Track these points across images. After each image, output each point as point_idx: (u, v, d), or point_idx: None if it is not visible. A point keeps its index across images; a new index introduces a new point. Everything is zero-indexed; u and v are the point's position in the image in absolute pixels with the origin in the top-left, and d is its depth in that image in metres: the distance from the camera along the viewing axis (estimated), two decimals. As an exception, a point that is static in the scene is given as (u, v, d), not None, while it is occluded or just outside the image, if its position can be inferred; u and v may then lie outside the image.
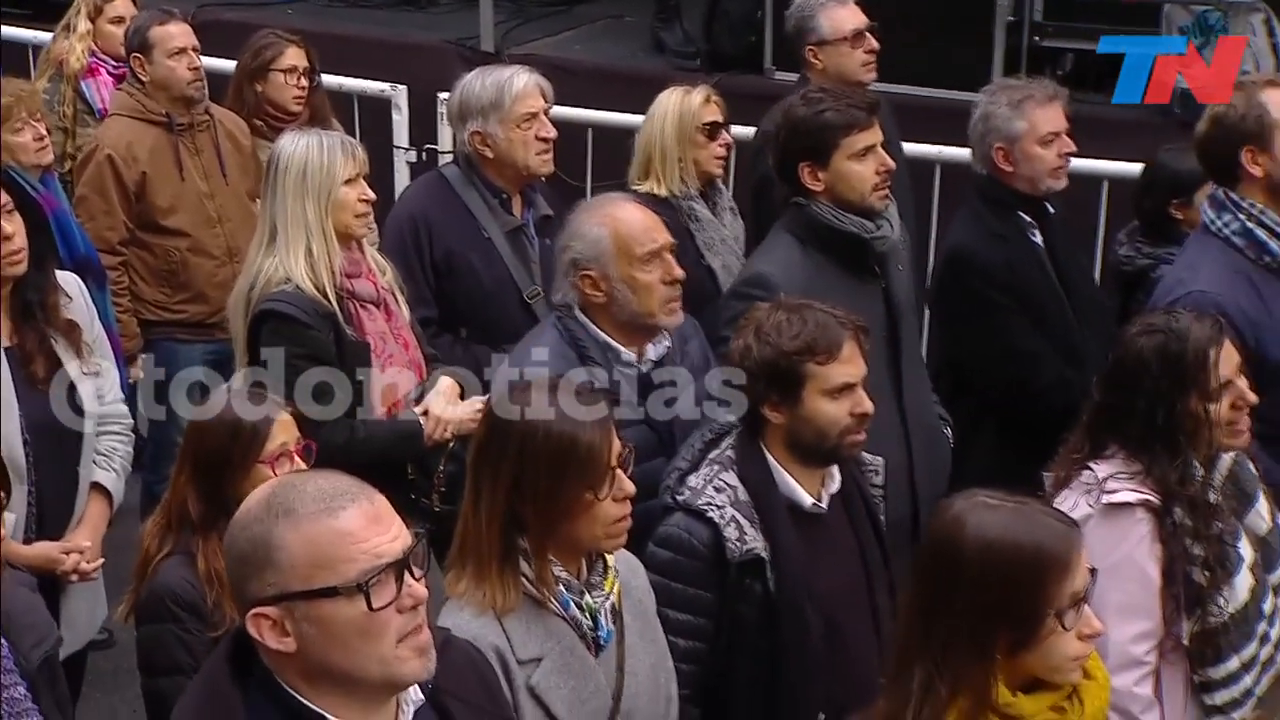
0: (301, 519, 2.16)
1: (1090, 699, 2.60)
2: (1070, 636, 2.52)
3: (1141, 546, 3.27)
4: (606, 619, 2.91)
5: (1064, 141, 4.57)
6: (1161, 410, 3.29)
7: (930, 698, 2.50)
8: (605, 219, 3.73)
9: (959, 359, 4.77)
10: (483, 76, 4.69)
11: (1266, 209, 4.07)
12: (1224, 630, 3.29)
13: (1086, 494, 3.31)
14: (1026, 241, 4.59)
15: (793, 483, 3.30)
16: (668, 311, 3.71)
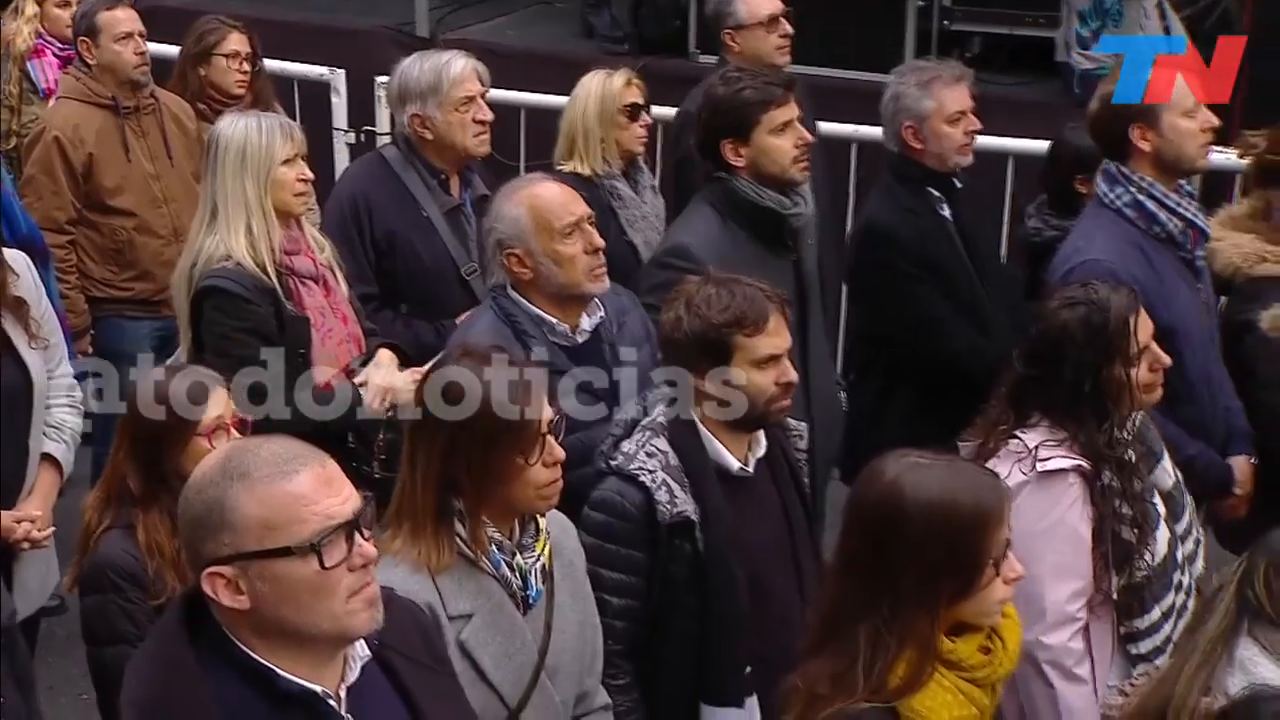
0: (256, 482, 2.16)
1: (1009, 636, 2.63)
2: (999, 583, 2.55)
3: (1074, 510, 3.30)
4: (536, 579, 2.91)
5: (970, 120, 4.58)
6: (1088, 378, 3.31)
7: (880, 652, 2.51)
8: (523, 199, 3.71)
9: (874, 328, 4.78)
10: (421, 61, 4.66)
11: (1155, 182, 4.10)
12: (1148, 583, 3.33)
13: (1019, 462, 3.31)
14: (936, 216, 4.61)
15: (721, 448, 3.29)
16: (593, 279, 3.69)
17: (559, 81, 5.68)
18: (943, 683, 2.53)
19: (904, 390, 4.59)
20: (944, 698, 2.52)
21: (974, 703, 2.55)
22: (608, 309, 3.77)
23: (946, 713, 2.52)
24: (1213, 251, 4.25)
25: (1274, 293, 3.77)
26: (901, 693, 2.51)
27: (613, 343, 3.76)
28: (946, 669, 2.53)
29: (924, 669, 2.51)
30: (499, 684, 2.85)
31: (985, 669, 2.57)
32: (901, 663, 2.51)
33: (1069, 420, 3.33)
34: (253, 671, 2.20)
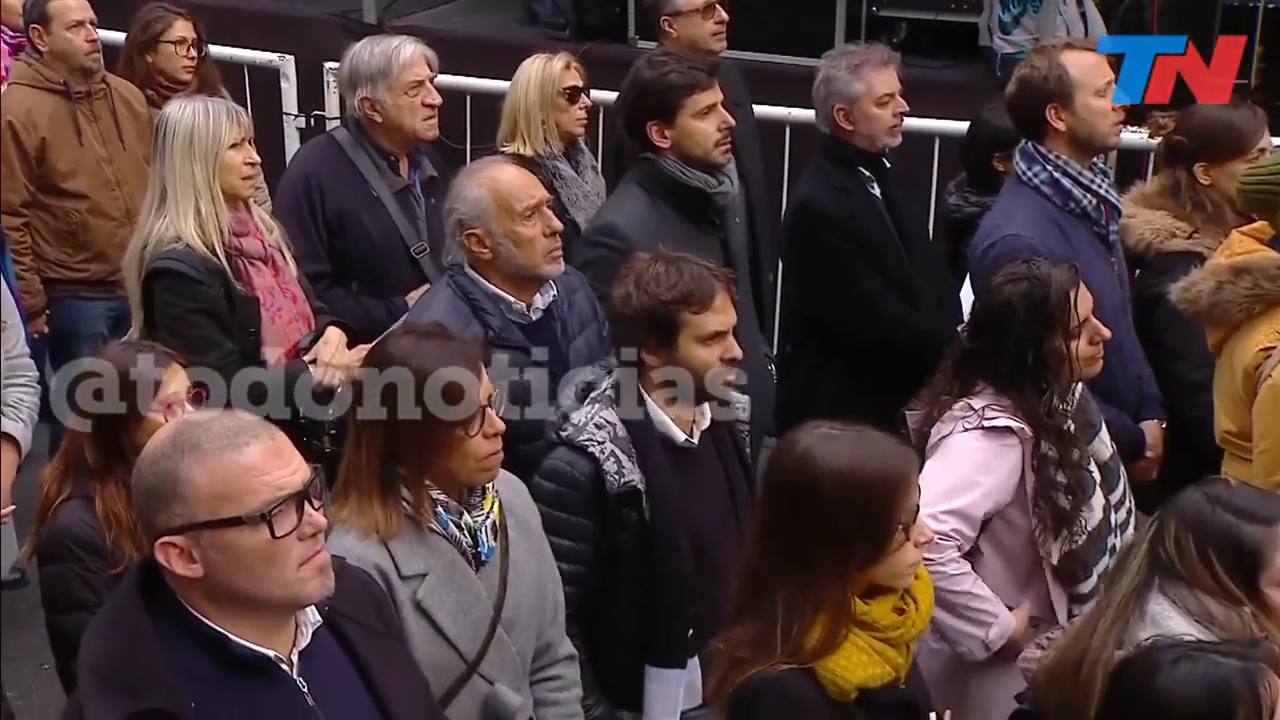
0: (207, 454, 2.15)
1: (921, 597, 2.66)
2: (909, 546, 2.58)
3: (1001, 461, 3.34)
4: (487, 536, 2.90)
5: (898, 102, 4.60)
6: (1031, 350, 3.34)
7: (796, 617, 2.53)
8: (485, 181, 3.69)
9: (808, 303, 4.80)
10: (372, 46, 4.63)
11: (1070, 160, 4.13)
12: (1085, 549, 3.37)
13: (964, 419, 3.36)
14: (866, 194, 4.62)
15: (667, 420, 3.29)
16: (550, 260, 3.68)
17: (502, 67, 5.64)
18: (857, 643, 2.55)
19: (836, 363, 4.61)
20: (859, 658, 2.54)
21: (888, 661, 2.58)
22: (558, 288, 3.77)
23: (861, 671, 2.54)
24: (1126, 227, 4.28)
25: (1183, 267, 3.80)
26: (818, 655, 2.53)
27: (564, 320, 3.76)
28: (861, 630, 2.55)
29: (838, 631, 2.53)
30: (456, 639, 2.85)
31: (899, 629, 2.59)
32: (817, 626, 2.53)
33: (1012, 390, 3.36)
34: (206, 638, 2.19)
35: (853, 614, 2.55)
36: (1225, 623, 2.65)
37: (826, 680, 2.53)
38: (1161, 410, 4.25)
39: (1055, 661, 2.78)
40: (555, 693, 3.06)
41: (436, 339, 2.90)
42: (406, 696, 2.38)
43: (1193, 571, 2.70)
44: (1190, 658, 2.30)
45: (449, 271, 3.74)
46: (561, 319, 3.75)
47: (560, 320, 3.75)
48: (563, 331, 3.74)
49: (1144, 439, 4.18)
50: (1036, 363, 3.34)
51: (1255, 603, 2.69)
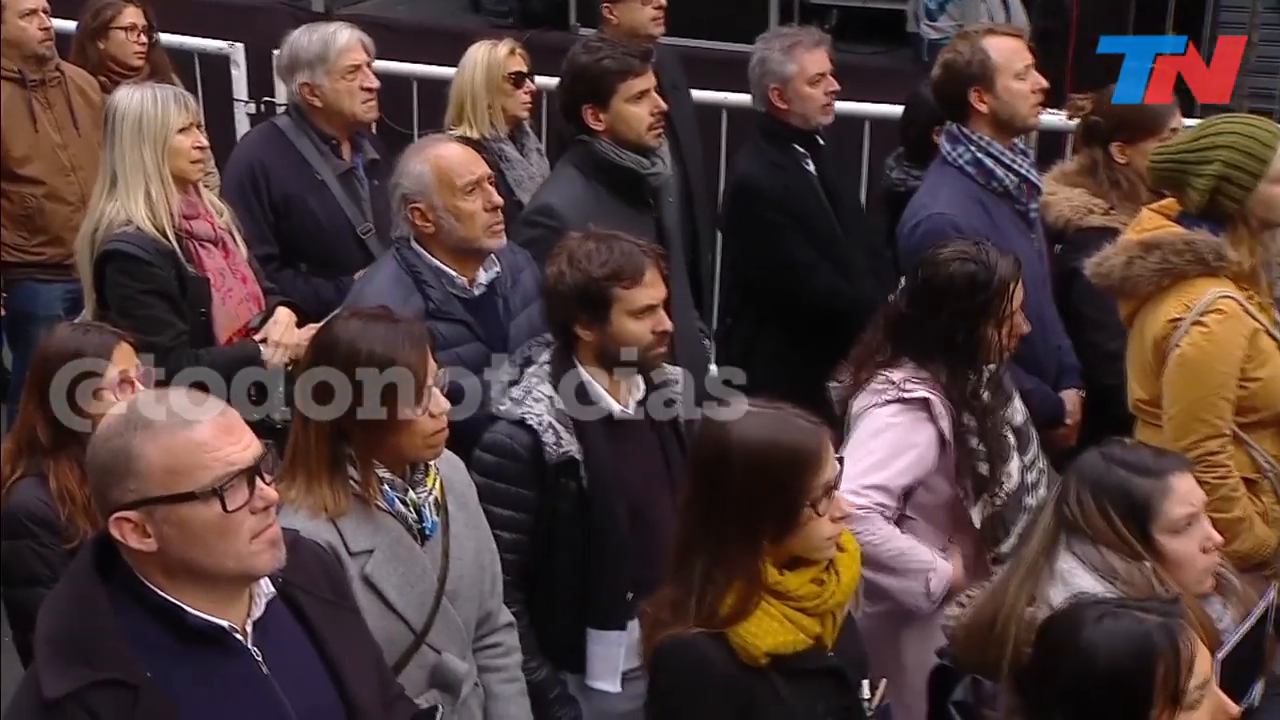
0: (159, 431, 2.15)
1: (844, 569, 2.67)
2: (824, 521, 2.59)
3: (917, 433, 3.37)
4: (430, 512, 2.91)
5: (829, 81, 4.63)
6: (961, 330, 3.38)
7: (711, 585, 2.56)
8: (428, 157, 3.69)
9: (745, 274, 4.83)
10: (309, 33, 4.61)
11: (993, 141, 4.18)
12: (1005, 510, 3.41)
13: (883, 392, 3.39)
14: (801, 170, 4.65)
15: (603, 393, 3.30)
16: (491, 235, 3.68)
17: (448, 53, 5.62)
18: (770, 611, 2.57)
19: (772, 331, 4.64)
20: (770, 625, 2.56)
21: (803, 629, 2.60)
22: (503, 265, 3.77)
23: (771, 638, 2.56)
24: (1046, 204, 4.32)
25: (1100, 242, 3.85)
26: (730, 621, 2.55)
27: (506, 296, 3.76)
28: (775, 599, 2.58)
29: (750, 599, 2.56)
30: (403, 610, 2.85)
31: (815, 599, 2.60)
32: (730, 593, 2.56)
33: (933, 363, 3.40)
34: (161, 609, 2.19)
35: (765, 583, 2.57)
36: (1128, 577, 2.71)
37: (737, 645, 2.56)
38: (1080, 380, 4.31)
39: (972, 619, 2.83)
40: (497, 659, 3.07)
41: (383, 321, 2.89)
42: (360, 664, 2.39)
43: (1094, 526, 2.75)
44: (1114, 614, 2.33)
45: (395, 244, 3.73)
46: (504, 295, 3.75)
47: (502, 297, 3.75)
48: (504, 308, 3.73)
49: (1064, 407, 4.24)
50: (964, 344, 3.38)
51: (1151, 552, 2.74)
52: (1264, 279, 3.60)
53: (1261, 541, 3.50)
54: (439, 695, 2.90)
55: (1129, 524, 2.74)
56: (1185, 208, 3.58)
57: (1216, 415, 3.46)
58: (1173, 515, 2.76)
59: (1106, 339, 4.04)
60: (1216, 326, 3.45)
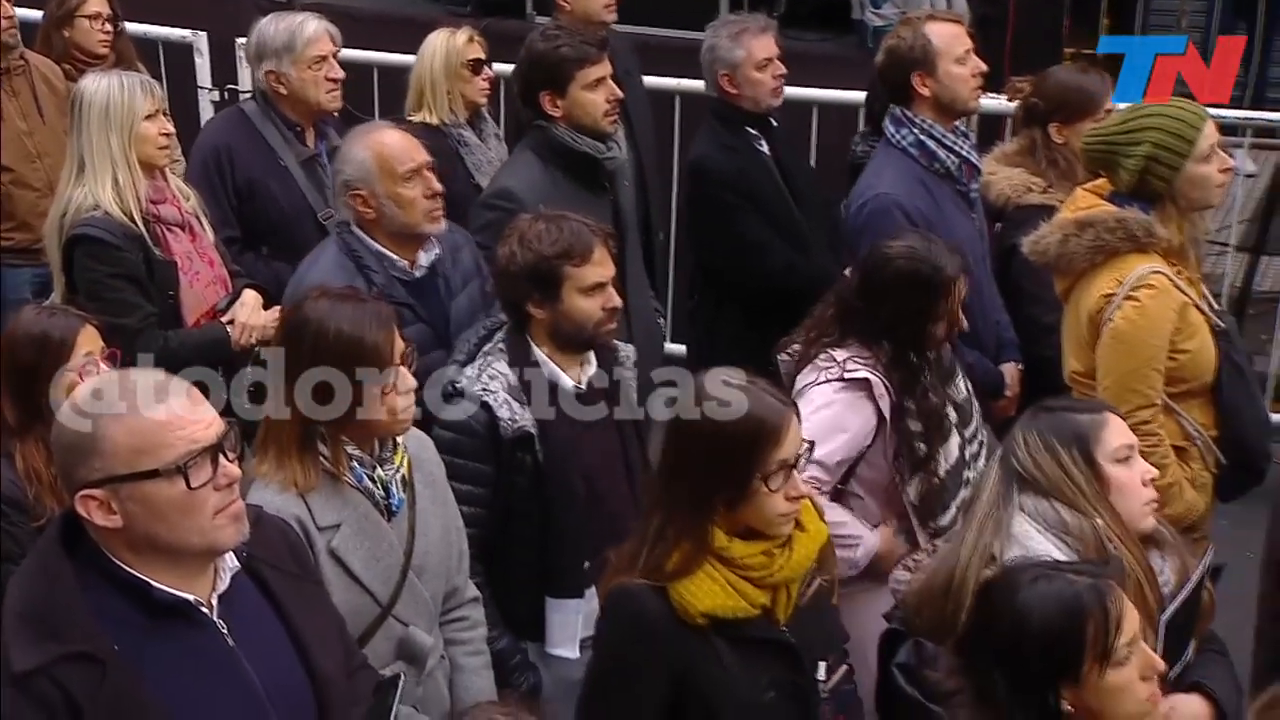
0: (124, 411, 2.14)
1: (800, 547, 2.68)
2: (778, 497, 2.60)
3: (856, 413, 3.39)
4: (397, 488, 2.91)
5: (776, 65, 4.65)
6: (903, 324, 3.40)
7: (661, 541, 2.60)
8: (369, 144, 3.68)
9: (704, 253, 4.83)
10: (276, 21, 4.58)
11: (935, 124, 4.21)
12: (943, 486, 3.43)
13: (826, 370, 3.41)
14: (755, 151, 4.66)
15: (556, 368, 3.30)
16: (431, 220, 3.67)
17: (408, 41, 5.59)
18: (713, 574, 2.59)
19: (732, 312, 4.65)
20: (710, 587, 2.59)
21: (746, 597, 2.61)
22: (443, 246, 3.75)
23: (710, 600, 2.59)
24: (986, 183, 4.35)
25: (1039, 219, 3.88)
26: (672, 576, 2.59)
27: (447, 277, 3.76)
28: (721, 564, 2.60)
29: (695, 560, 2.58)
30: (369, 584, 2.85)
31: (762, 571, 2.62)
32: (677, 551, 2.59)
33: (877, 347, 3.42)
34: (128, 584, 2.18)
35: (712, 547, 2.59)
36: (1079, 533, 2.73)
37: (675, 601, 2.59)
38: (1018, 353, 4.34)
39: (925, 582, 2.84)
40: (463, 632, 3.08)
41: (350, 301, 2.88)
42: (323, 635, 2.39)
43: (1042, 466, 2.77)
44: (1047, 577, 2.36)
45: (338, 229, 3.72)
46: (445, 275, 3.75)
47: (444, 277, 3.75)
48: (446, 288, 3.74)
49: (1003, 380, 4.28)
50: (907, 335, 3.40)
51: (1098, 480, 2.77)
52: (1192, 255, 3.64)
53: (1191, 505, 3.55)
54: (405, 667, 2.90)
55: (1074, 453, 2.77)
56: (1117, 187, 3.61)
57: (1148, 386, 3.50)
58: (1113, 444, 2.79)
59: (1044, 313, 4.07)
60: (1147, 301, 3.48)
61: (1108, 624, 2.30)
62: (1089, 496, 2.75)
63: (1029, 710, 2.31)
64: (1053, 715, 2.32)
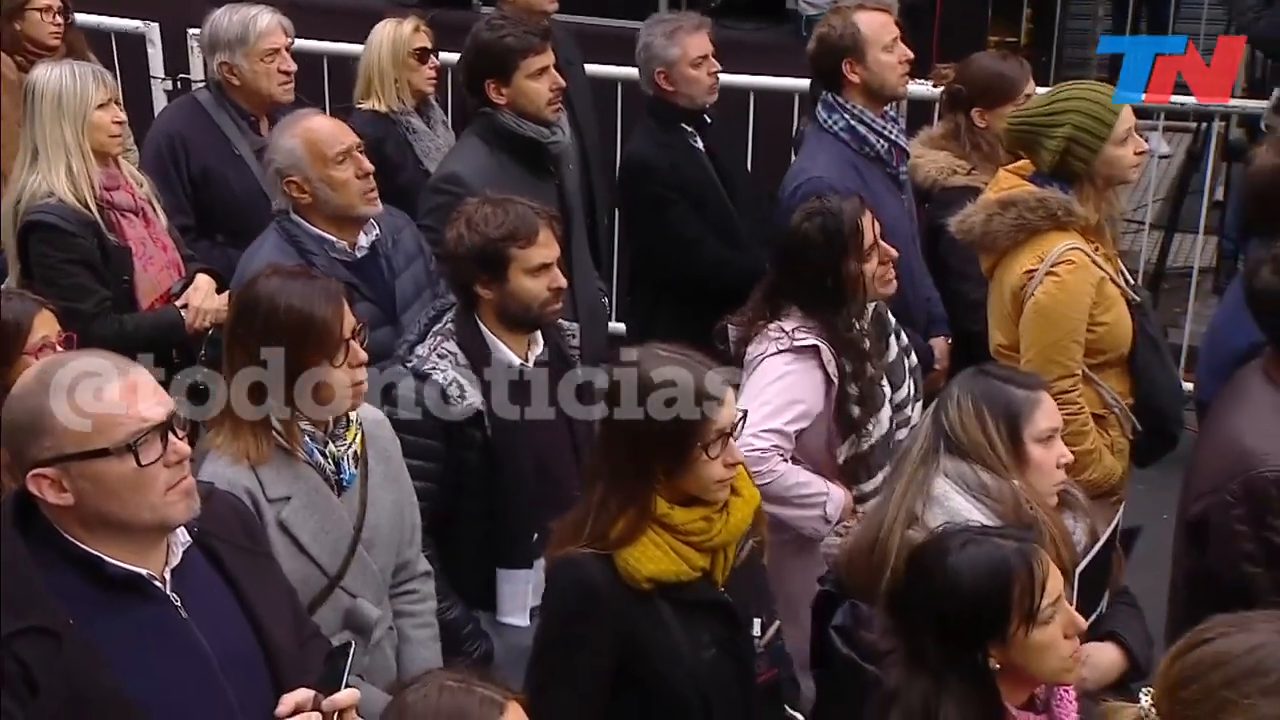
0: (72, 391, 2.11)
1: (736, 512, 2.69)
2: (717, 464, 2.61)
3: (806, 378, 3.40)
4: (349, 463, 2.89)
5: (711, 63, 4.61)
6: (829, 275, 3.40)
7: (604, 509, 2.60)
8: (298, 132, 3.65)
9: (641, 248, 4.81)
10: (230, 14, 4.52)
11: (865, 109, 4.22)
12: (872, 452, 3.44)
13: (776, 340, 3.41)
14: (689, 147, 4.62)
15: (503, 347, 3.28)
16: (366, 201, 3.64)
17: (356, 31, 5.53)
18: (656, 540, 2.60)
19: (670, 301, 4.63)
20: (653, 552, 2.60)
21: (687, 561, 2.62)
22: (383, 228, 3.72)
23: (654, 565, 2.60)
24: (914, 166, 4.37)
25: (963, 200, 3.89)
26: (617, 544, 2.59)
27: (389, 258, 3.73)
28: (663, 530, 2.60)
29: (638, 527, 2.59)
30: (317, 556, 2.83)
31: (702, 535, 2.63)
32: (621, 519, 2.59)
33: (815, 312, 3.43)
34: (81, 560, 2.16)
35: (654, 514, 2.60)
36: (998, 495, 2.75)
37: (620, 567, 2.59)
38: (947, 328, 4.37)
39: (853, 545, 2.86)
40: (412, 605, 3.06)
41: (301, 278, 2.87)
42: (275, 606, 2.37)
43: (969, 432, 2.79)
44: (976, 541, 2.39)
45: (276, 217, 3.68)
46: (386, 256, 3.72)
47: (385, 258, 3.71)
48: (388, 268, 3.71)
49: (933, 354, 4.29)
50: (835, 286, 3.40)
51: (1019, 457, 2.79)
52: (1108, 232, 3.67)
53: (1109, 470, 3.58)
54: (352, 638, 2.84)
55: (1001, 428, 2.78)
56: (1038, 168, 3.63)
57: (1069, 357, 3.53)
58: (1041, 425, 2.81)
59: (970, 290, 4.09)
60: (1067, 276, 3.51)
61: (1034, 585, 2.33)
62: (1007, 467, 2.78)
63: (959, 668, 2.34)
64: (981, 672, 2.34)
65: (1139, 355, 3.61)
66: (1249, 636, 2.00)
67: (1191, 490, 3.05)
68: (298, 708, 2.11)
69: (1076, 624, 2.40)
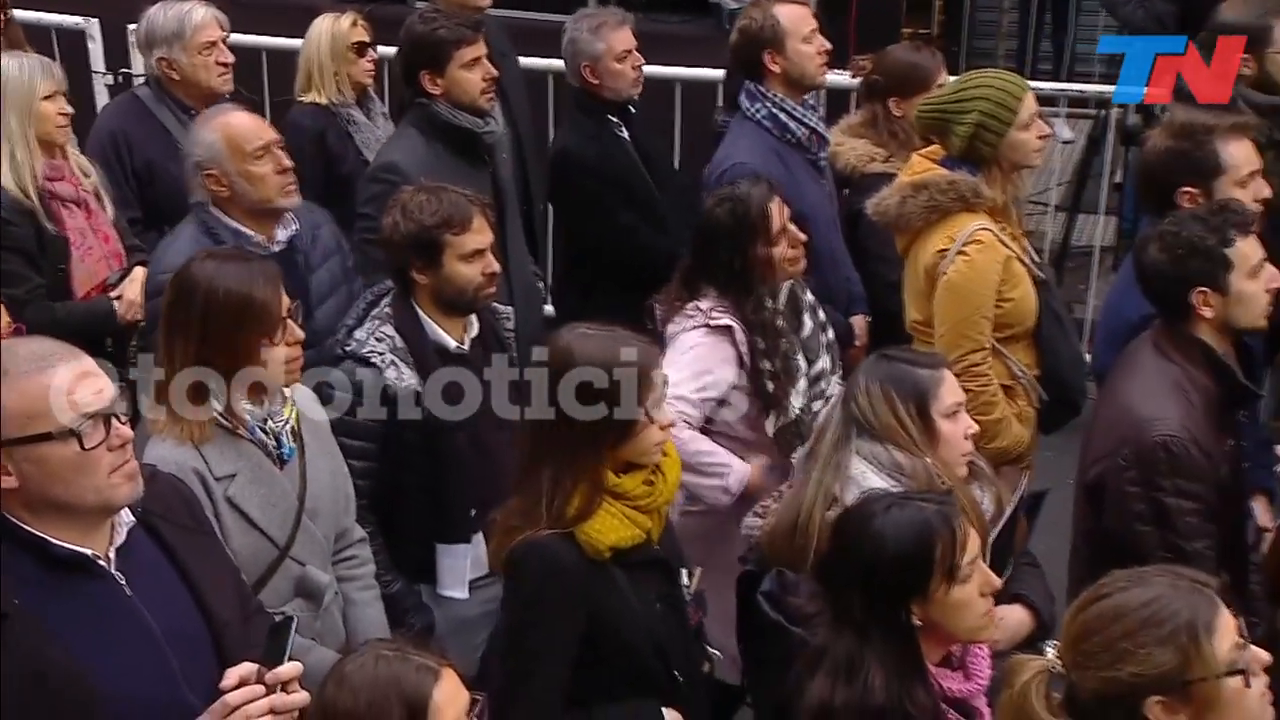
0: (16, 377, 2.08)
1: (669, 470, 2.72)
2: (655, 429, 2.62)
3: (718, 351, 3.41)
4: (288, 439, 2.87)
5: (635, 57, 4.59)
6: (738, 259, 3.40)
7: (559, 490, 2.58)
8: (218, 126, 3.61)
9: (573, 237, 4.78)
10: (165, 10, 4.45)
11: (786, 98, 4.23)
12: (799, 422, 3.45)
13: (692, 318, 3.42)
14: (616, 138, 4.60)
15: (439, 330, 3.26)
16: (284, 195, 3.59)
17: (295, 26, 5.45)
18: (610, 510, 2.60)
19: (603, 286, 4.60)
20: (611, 522, 2.60)
21: (637, 524, 2.63)
22: (302, 224, 3.69)
23: (613, 534, 2.60)
24: (834, 154, 4.38)
25: (881, 186, 3.91)
26: (577, 520, 2.58)
27: (306, 252, 3.70)
28: (614, 499, 2.61)
29: (594, 501, 2.58)
30: (266, 528, 2.81)
31: (648, 498, 2.64)
32: (576, 497, 2.58)
33: (729, 294, 3.43)
34: (27, 541, 2.12)
35: (606, 486, 2.59)
36: (911, 472, 2.77)
37: (583, 542, 2.58)
38: (866, 306, 4.39)
39: (774, 526, 2.86)
40: (354, 569, 3.05)
41: (235, 260, 2.84)
42: (218, 582, 2.35)
43: (879, 415, 2.80)
44: (899, 505, 2.41)
45: (195, 209, 3.63)
46: (304, 252, 3.69)
47: (302, 253, 3.68)
48: (305, 263, 3.67)
49: (853, 331, 4.32)
50: (744, 269, 3.41)
51: (929, 432, 2.81)
52: (1014, 213, 3.71)
53: (1018, 438, 3.63)
54: (304, 604, 2.88)
55: (911, 408, 2.81)
56: (949, 152, 3.65)
57: (978, 331, 3.56)
58: (946, 401, 2.84)
59: (888, 271, 4.10)
60: (976, 255, 3.54)
61: (955, 545, 2.35)
62: (919, 444, 2.80)
63: (883, 625, 2.35)
64: (904, 629, 2.36)
65: (1044, 329, 3.65)
66: (1143, 591, 2.04)
67: (1088, 455, 3.10)
68: (242, 680, 2.09)
69: (992, 583, 2.43)
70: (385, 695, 1.92)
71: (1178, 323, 3.03)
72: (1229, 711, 2.01)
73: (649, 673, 2.65)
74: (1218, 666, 1.99)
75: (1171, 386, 2.95)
